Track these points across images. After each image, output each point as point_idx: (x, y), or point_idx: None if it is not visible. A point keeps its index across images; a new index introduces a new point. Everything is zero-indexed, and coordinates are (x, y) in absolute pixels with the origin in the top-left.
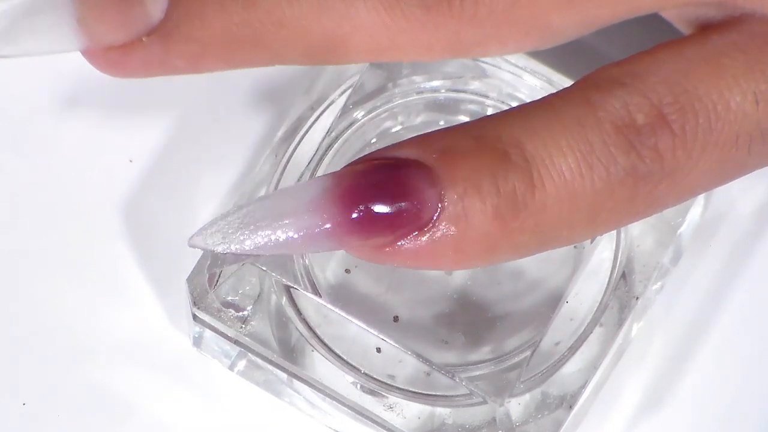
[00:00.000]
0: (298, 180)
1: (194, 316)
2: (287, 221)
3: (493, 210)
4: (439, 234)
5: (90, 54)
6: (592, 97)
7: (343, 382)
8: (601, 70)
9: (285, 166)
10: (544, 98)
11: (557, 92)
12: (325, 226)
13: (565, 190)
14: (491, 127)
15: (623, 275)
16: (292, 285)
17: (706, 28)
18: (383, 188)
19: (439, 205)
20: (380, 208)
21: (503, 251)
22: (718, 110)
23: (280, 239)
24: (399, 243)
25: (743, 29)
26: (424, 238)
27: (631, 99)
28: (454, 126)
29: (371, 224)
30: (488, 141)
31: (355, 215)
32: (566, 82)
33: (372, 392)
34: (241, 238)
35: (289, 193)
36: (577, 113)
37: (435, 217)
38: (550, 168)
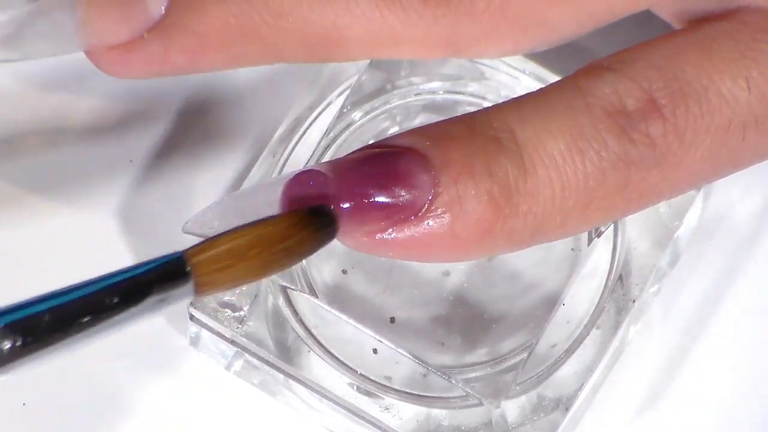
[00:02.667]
0: None
1: (191, 316)
2: (282, 212)
3: (487, 194)
4: (433, 220)
5: (93, 54)
6: (582, 83)
7: (340, 383)
8: (593, 61)
9: (283, 167)
10: (537, 89)
11: (550, 83)
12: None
13: (557, 174)
14: (483, 116)
15: (620, 278)
16: (289, 285)
17: (698, 20)
18: (377, 174)
19: (433, 191)
20: (374, 194)
21: (498, 238)
22: (709, 96)
23: None
24: (393, 229)
25: (735, 18)
26: (418, 224)
27: (620, 84)
28: (447, 118)
29: (366, 210)
30: (480, 128)
31: (349, 202)
32: None
33: (368, 393)
34: (236, 223)
35: (284, 179)
36: (568, 99)
37: (429, 202)
38: (541, 152)
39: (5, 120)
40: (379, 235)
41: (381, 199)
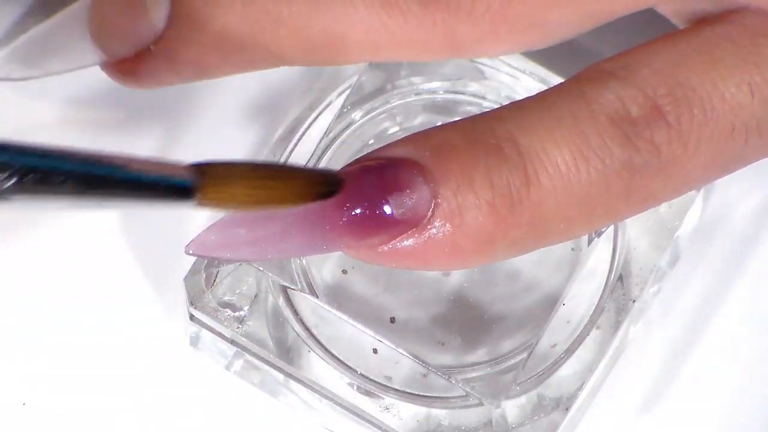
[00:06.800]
0: None
1: (191, 316)
2: (283, 226)
3: (487, 205)
4: (434, 231)
5: (105, 68)
6: (586, 89)
7: (340, 383)
8: (594, 64)
9: None
10: (538, 93)
11: (551, 87)
12: (322, 229)
13: (561, 183)
14: (484, 123)
15: (620, 278)
16: (289, 285)
17: (699, 22)
18: (376, 188)
19: (433, 202)
20: (375, 208)
21: (500, 247)
22: (712, 102)
23: (277, 244)
24: (395, 242)
25: (735, 21)
26: (419, 236)
27: (625, 91)
28: (447, 123)
29: (366, 225)
30: (481, 136)
31: (349, 217)
32: None
33: (368, 393)
34: (238, 244)
35: None
36: (571, 106)
37: (429, 214)
38: (544, 161)
39: (5, 121)
40: (381, 247)
41: (381, 213)
